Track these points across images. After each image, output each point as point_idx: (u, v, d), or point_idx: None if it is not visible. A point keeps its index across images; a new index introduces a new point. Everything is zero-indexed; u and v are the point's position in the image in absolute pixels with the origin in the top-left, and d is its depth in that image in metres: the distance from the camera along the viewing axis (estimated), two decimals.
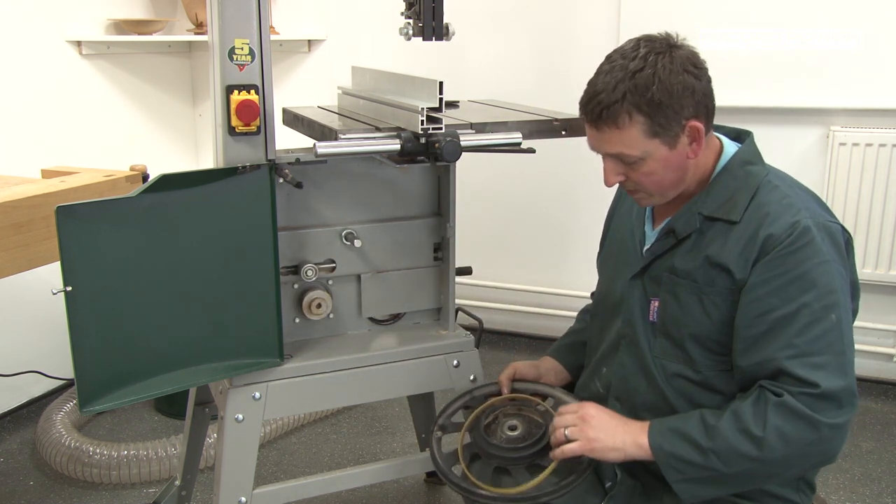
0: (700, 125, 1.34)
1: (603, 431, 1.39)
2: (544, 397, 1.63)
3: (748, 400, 1.33)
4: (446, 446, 1.57)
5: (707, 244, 1.40)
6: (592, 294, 1.76)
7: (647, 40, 1.36)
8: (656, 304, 1.46)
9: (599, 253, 1.72)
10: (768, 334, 1.31)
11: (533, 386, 1.66)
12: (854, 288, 1.40)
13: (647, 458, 1.36)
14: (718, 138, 1.46)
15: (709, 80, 1.37)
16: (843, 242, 1.36)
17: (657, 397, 1.46)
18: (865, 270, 2.90)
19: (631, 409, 1.51)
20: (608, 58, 1.37)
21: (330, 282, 1.76)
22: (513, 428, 1.53)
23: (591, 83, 1.37)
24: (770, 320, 1.31)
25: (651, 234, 1.52)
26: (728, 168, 1.42)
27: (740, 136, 1.49)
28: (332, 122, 1.68)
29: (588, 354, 1.68)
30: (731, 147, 1.45)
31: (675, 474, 1.34)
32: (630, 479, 1.52)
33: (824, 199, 2.90)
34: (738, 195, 1.39)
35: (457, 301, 1.84)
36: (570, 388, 1.69)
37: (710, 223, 1.40)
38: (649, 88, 1.30)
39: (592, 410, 1.42)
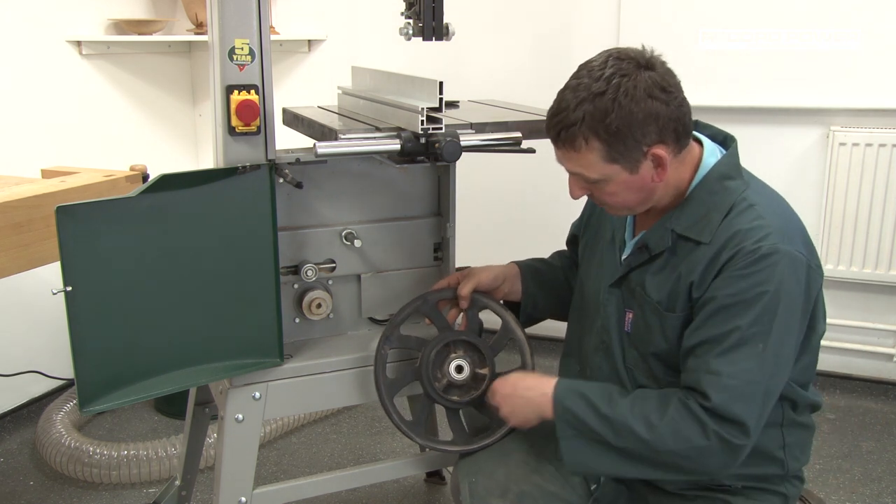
0: (663, 153, 1.30)
1: (511, 411, 1.49)
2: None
3: (656, 391, 1.36)
4: (392, 370, 1.65)
5: (677, 265, 1.38)
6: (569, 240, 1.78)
7: (617, 58, 1.30)
8: (630, 315, 1.46)
9: (580, 230, 1.70)
10: (698, 348, 1.32)
11: (489, 303, 1.67)
12: (814, 324, 1.38)
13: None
14: (700, 142, 1.42)
15: (680, 103, 1.31)
16: (806, 277, 1.32)
17: None
18: (865, 270, 2.90)
19: None
20: (577, 71, 1.33)
21: (330, 282, 1.76)
22: (459, 369, 1.61)
23: (558, 96, 1.33)
24: (702, 336, 1.31)
25: (629, 244, 1.50)
26: (705, 183, 1.38)
27: (726, 140, 1.45)
28: (332, 122, 1.68)
29: (565, 350, 1.67)
30: (711, 158, 1.40)
31: (567, 429, 1.37)
32: (614, 482, 1.52)
33: (824, 199, 2.94)
34: (712, 213, 1.35)
35: None
36: (515, 308, 1.71)
37: (682, 242, 1.38)
38: (608, 115, 1.26)
39: (498, 396, 1.51)
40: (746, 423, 1.28)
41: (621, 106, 1.26)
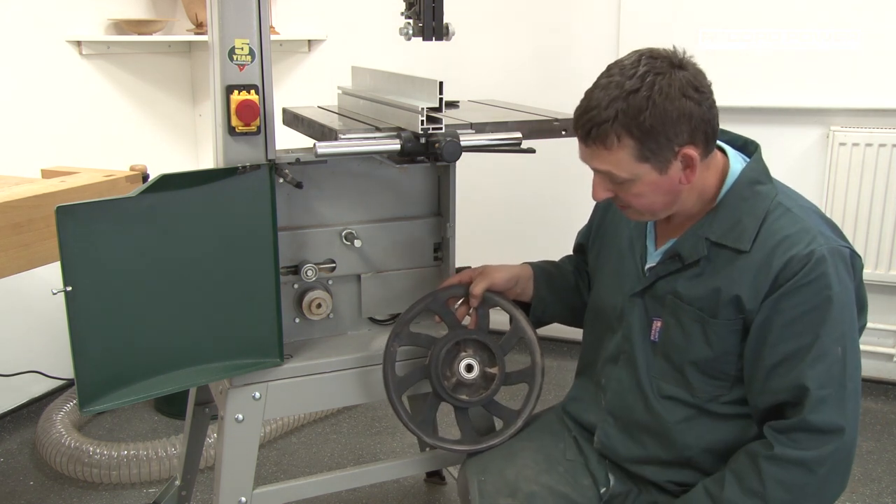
0: (694, 153, 1.29)
1: None
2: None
3: (742, 461, 1.33)
4: (399, 368, 1.64)
5: (716, 273, 1.36)
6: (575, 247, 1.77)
7: (650, 57, 1.29)
8: (659, 324, 1.44)
9: (589, 238, 1.69)
10: (780, 367, 1.30)
11: (501, 301, 1.66)
12: (862, 306, 1.38)
13: None
14: (724, 151, 1.41)
15: (711, 105, 1.31)
16: (852, 265, 1.33)
17: (651, 417, 1.45)
18: (866, 270, 2.87)
19: (625, 427, 1.50)
20: (608, 70, 1.32)
21: (330, 282, 1.76)
22: (469, 368, 1.60)
23: (586, 95, 1.32)
24: (782, 353, 1.30)
25: (654, 253, 1.48)
26: (735, 189, 1.37)
27: (747, 145, 1.45)
28: (332, 122, 1.68)
29: (582, 363, 1.67)
30: (737, 164, 1.40)
31: None
32: (623, 484, 1.52)
33: (824, 199, 2.94)
34: (747, 220, 1.34)
35: None
36: (524, 308, 1.70)
37: (717, 249, 1.36)
38: (642, 112, 1.25)
39: None
40: (843, 426, 1.27)
41: (655, 104, 1.25)
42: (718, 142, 1.42)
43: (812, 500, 1.30)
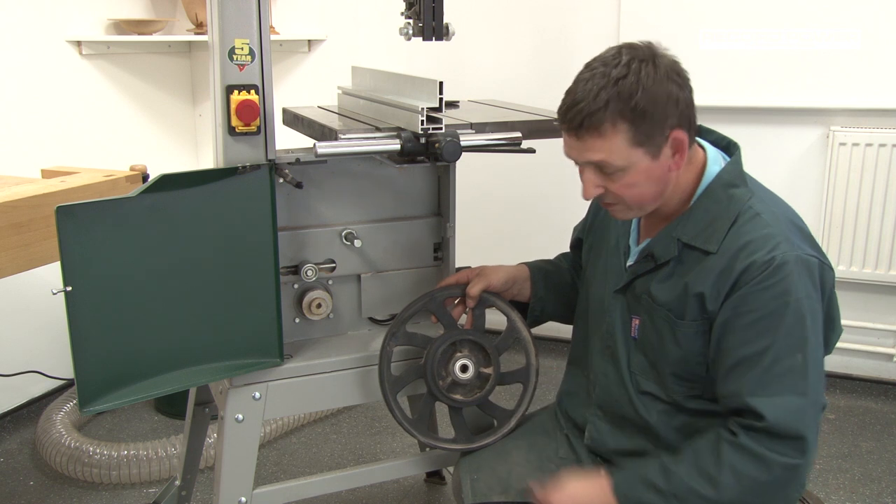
0: (683, 136, 1.31)
1: None
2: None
3: (707, 439, 1.33)
4: (396, 368, 1.64)
5: (684, 274, 1.37)
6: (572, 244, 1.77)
7: (629, 48, 1.32)
8: (637, 322, 1.46)
9: (584, 234, 1.69)
10: (735, 370, 1.31)
11: (497, 302, 1.66)
12: (832, 322, 1.38)
13: None
14: (703, 149, 1.42)
15: (691, 91, 1.33)
16: (820, 276, 1.32)
17: (634, 412, 1.46)
18: (865, 270, 2.90)
19: (613, 419, 1.51)
20: (587, 66, 1.33)
21: (330, 282, 1.76)
22: (464, 369, 1.61)
23: (569, 91, 1.33)
24: (738, 356, 1.31)
25: (634, 251, 1.49)
26: (710, 191, 1.38)
27: (730, 146, 1.45)
28: (332, 122, 1.68)
29: (573, 354, 1.67)
30: (714, 165, 1.41)
31: None
32: None
33: (824, 199, 2.95)
34: (718, 222, 1.35)
35: None
36: (521, 307, 1.70)
37: (688, 251, 1.38)
38: (633, 96, 1.27)
39: None
40: (805, 436, 1.27)
41: (645, 88, 1.27)
42: (701, 140, 1.43)
43: (758, 498, 1.30)
